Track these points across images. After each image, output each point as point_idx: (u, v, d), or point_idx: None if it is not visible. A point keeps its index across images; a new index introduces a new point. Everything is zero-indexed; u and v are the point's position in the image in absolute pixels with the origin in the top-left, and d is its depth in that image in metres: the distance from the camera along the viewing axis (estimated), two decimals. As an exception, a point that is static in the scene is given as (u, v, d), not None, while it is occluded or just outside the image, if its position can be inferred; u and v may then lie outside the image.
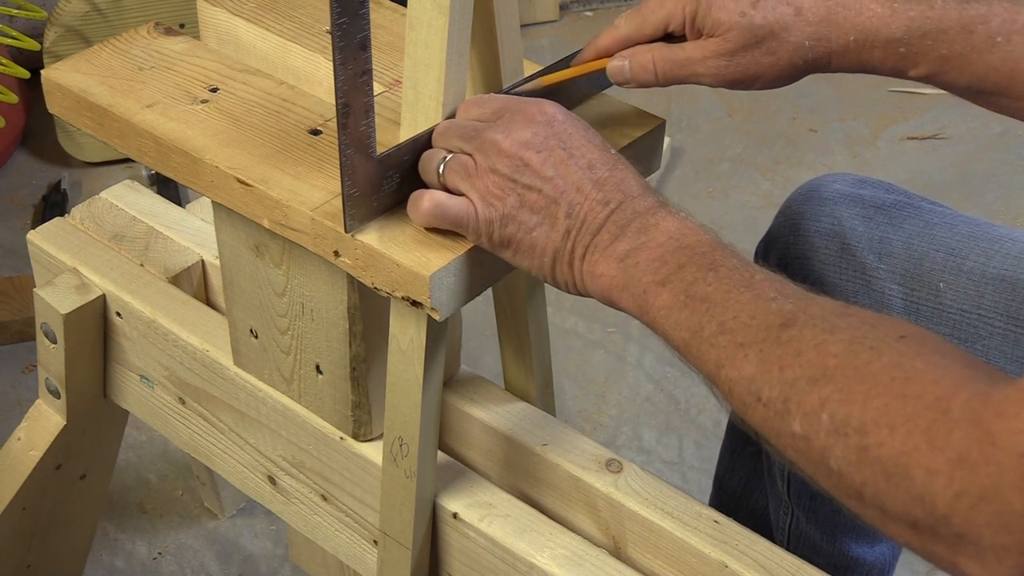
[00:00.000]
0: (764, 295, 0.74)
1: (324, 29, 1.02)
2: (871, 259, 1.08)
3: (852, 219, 1.10)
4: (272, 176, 0.90)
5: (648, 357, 1.87)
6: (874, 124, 2.39)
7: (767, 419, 0.71)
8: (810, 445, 0.68)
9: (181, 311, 1.13)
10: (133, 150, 0.97)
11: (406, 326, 0.89)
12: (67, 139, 2.14)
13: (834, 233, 1.10)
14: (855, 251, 1.09)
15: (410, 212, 0.86)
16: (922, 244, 1.07)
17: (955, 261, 1.05)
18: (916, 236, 1.08)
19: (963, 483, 0.61)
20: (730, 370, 0.73)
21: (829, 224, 1.11)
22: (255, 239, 0.98)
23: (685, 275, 0.77)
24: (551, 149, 0.82)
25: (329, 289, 0.95)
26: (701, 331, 0.75)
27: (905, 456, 0.63)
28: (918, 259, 1.07)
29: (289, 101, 0.97)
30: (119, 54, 1.02)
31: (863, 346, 0.68)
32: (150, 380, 1.17)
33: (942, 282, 1.05)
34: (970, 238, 1.06)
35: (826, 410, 0.67)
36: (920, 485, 0.63)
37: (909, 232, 1.08)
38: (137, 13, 2.12)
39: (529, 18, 2.60)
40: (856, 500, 0.67)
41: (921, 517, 0.63)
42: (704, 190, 2.22)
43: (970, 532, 0.61)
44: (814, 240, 1.11)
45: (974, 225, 1.08)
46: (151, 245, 1.20)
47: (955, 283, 1.04)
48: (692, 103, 2.42)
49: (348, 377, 0.99)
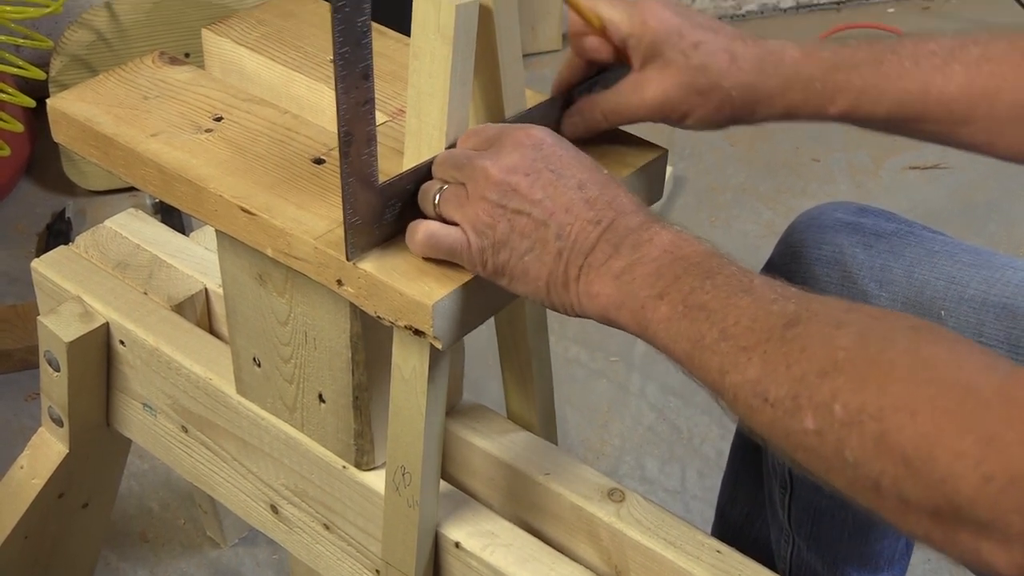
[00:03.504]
0: (764, 298, 0.73)
1: (328, 59, 1.02)
2: (872, 287, 1.08)
3: (853, 247, 1.10)
4: (275, 205, 0.90)
5: (651, 386, 1.87)
6: (876, 154, 2.39)
7: (775, 420, 0.69)
8: (823, 440, 0.66)
9: (184, 339, 1.13)
10: (138, 179, 0.97)
11: (409, 355, 0.89)
12: (72, 167, 2.15)
13: (835, 261, 1.10)
14: (856, 279, 1.09)
15: (408, 243, 0.86)
16: (923, 272, 1.07)
17: (956, 289, 1.05)
18: (917, 264, 1.08)
19: (992, 465, 0.59)
20: (734, 375, 0.71)
21: (830, 252, 1.11)
22: (258, 268, 0.98)
23: (682, 285, 0.76)
24: (539, 172, 0.82)
25: (332, 318, 0.95)
26: (702, 340, 0.73)
27: (928, 439, 0.61)
28: (919, 287, 1.06)
29: (292, 130, 0.97)
30: (124, 83, 1.02)
31: (873, 336, 0.67)
32: (153, 408, 1.17)
33: (943, 310, 1.05)
34: (971, 266, 1.06)
35: (838, 400, 0.65)
36: (944, 468, 0.60)
37: (910, 260, 1.08)
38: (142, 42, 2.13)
39: (532, 47, 2.61)
40: (873, 492, 0.65)
41: (943, 504, 0.61)
42: (707, 219, 2.22)
43: (997, 518, 0.59)
44: (815, 268, 1.11)
45: (975, 253, 1.08)
46: (155, 273, 1.20)
47: (956, 311, 1.04)
48: (695, 133, 2.43)
49: (351, 406, 0.99)
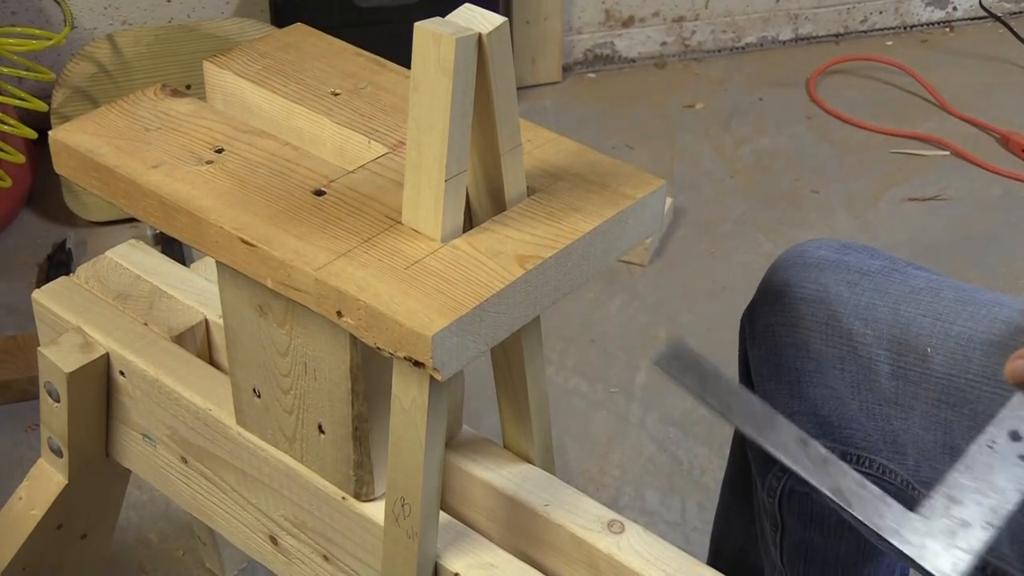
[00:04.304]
0: None
1: (328, 91, 1.03)
2: (857, 325, 1.08)
3: (837, 285, 1.10)
4: (276, 237, 0.90)
5: (651, 417, 1.87)
6: (876, 185, 2.40)
7: None
8: None
9: (184, 370, 1.13)
10: (139, 210, 0.97)
11: (408, 386, 0.89)
12: (73, 199, 2.15)
13: (819, 299, 1.10)
14: (841, 317, 1.09)
15: None
16: (909, 309, 1.07)
17: (942, 326, 1.05)
18: (902, 301, 1.07)
19: None
20: None
21: (814, 291, 1.11)
22: (259, 299, 0.98)
23: None
24: None
25: (332, 349, 0.95)
26: None
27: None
28: (905, 324, 1.06)
29: (293, 162, 0.98)
30: (126, 115, 1.03)
31: None
32: (152, 439, 1.17)
33: (929, 347, 1.04)
34: (957, 302, 1.06)
35: None
36: None
37: (895, 297, 1.08)
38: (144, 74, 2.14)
39: (531, 79, 2.62)
40: None
41: None
42: (706, 250, 2.22)
43: None
44: (800, 307, 1.11)
45: (960, 290, 1.08)
46: (155, 304, 1.20)
47: (943, 348, 1.04)
48: (695, 164, 2.44)
49: (350, 437, 0.99)
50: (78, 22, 2.35)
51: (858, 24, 2.86)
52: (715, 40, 2.78)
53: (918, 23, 2.89)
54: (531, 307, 0.90)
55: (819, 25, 2.83)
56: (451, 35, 0.83)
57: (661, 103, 2.63)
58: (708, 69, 2.75)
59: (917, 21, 2.89)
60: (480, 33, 0.85)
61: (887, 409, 1.07)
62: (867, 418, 1.09)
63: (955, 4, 2.88)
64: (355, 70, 1.07)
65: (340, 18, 2.33)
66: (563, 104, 2.60)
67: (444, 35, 0.83)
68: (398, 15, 2.33)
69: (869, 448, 1.09)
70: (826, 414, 1.11)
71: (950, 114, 2.60)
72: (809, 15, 2.81)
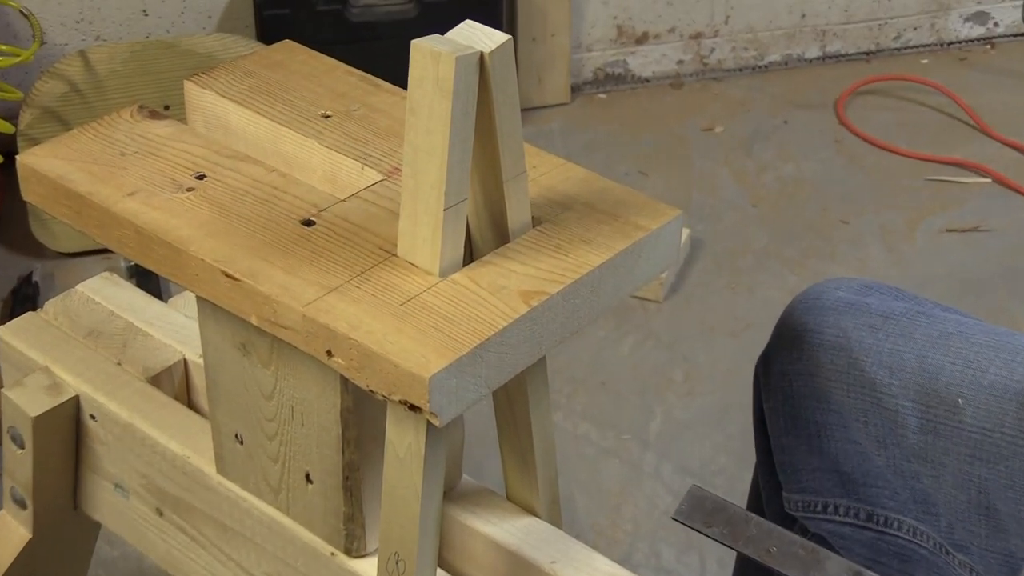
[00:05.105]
0: None
1: (319, 113, 1.04)
2: (882, 374, 1.08)
3: (859, 330, 1.10)
4: (261, 270, 0.91)
5: (667, 466, 1.87)
6: (911, 215, 2.41)
7: None
8: None
9: (161, 414, 1.13)
10: (113, 241, 0.98)
11: (404, 432, 0.90)
12: (40, 228, 2.16)
13: (840, 346, 1.10)
14: (863, 366, 1.09)
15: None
16: (937, 356, 1.06)
17: (974, 374, 1.04)
18: (930, 347, 1.07)
19: None
20: None
21: (833, 336, 1.10)
22: (242, 337, 0.99)
23: None
24: None
25: (321, 391, 0.95)
26: None
27: None
28: (933, 373, 1.06)
29: (280, 189, 0.98)
30: (100, 138, 1.04)
31: None
32: (125, 489, 1.17)
33: (961, 398, 1.04)
34: (990, 348, 1.05)
35: None
36: None
37: (922, 343, 1.08)
38: (118, 94, 2.15)
39: (538, 100, 2.64)
40: None
41: None
42: (726, 285, 2.23)
43: None
44: (818, 354, 1.11)
45: (994, 334, 1.07)
46: (129, 342, 1.21)
47: (975, 399, 1.04)
48: (714, 192, 2.45)
49: (340, 487, 0.99)
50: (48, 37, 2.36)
51: (891, 41, 2.87)
52: (736, 58, 2.80)
53: (956, 40, 2.91)
54: (536, 347, 0.90)
55: (848, 42, 2.85)
56: (451, 54, 0.84)
57: (677, 126, 2.64)
58: (728, 89, 2.76)
59: (955, 37, 2.91)
60: (482, 52, 0.86)
61: (916, 466, 1.07)
62: (894, 475, 1.09)
63: (996, 19, 2.90)
64: (347, 90, 1.08)
65: (331, 34, 2.35)
66: (571, 127, 2.61)
67: (443, 54, 0.84)
68: (393, 31, 2.35)
69: (897, 508, 1.09)
70: (849, 471, 1.11)
71: (991, 138, 2.61)
72: (838, 31, 2.83)
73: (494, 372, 0.88)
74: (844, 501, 1.14)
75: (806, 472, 1.16)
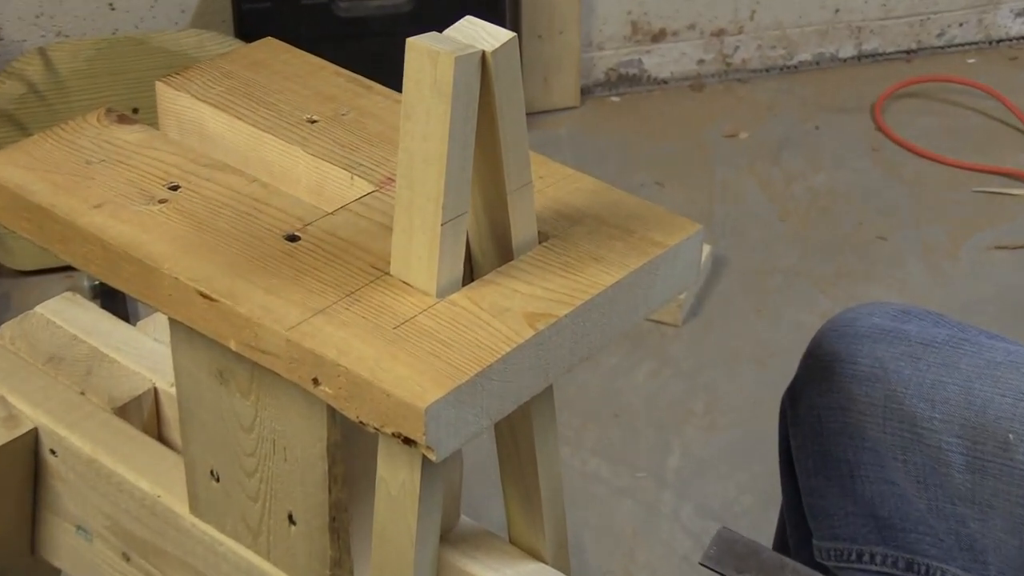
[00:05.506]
0: None
1: (304, 117, 1.04)
2: (922, 408, 1.08)
3: (897, 360, 1.10)
4: (241, 289, 0.91)
5: (686, 507, 1.87)
6: (955, 230, 2.41)
7: None
8: None
9: (128, 448, 1.13)
10: (78, 257, 0.98)
11: (397, 468, 0.90)
12: (-4, 243, 2.17)
13: (876, 377, 1.10)
14: (903, 399, 1.09)
15: None
16: (985, 388, 1.06)
17: None
18: (977, 378, 1.07)
19: None
20: None
21: (869, 367, 1.10)
22: (219, 364, 0.99)
23: None
24: None
25: (306, 423, 0.96)
26: None
27: None
28: (980, 406, 1.06)
29: (262, 201, 0.99)
30: (64, 145, 1.04)
31: None
32: (88, 532, 1.17)
33: (1011, 433, 1.04)
34: None
35: None
36: None
37: (968, 374, 1.08)
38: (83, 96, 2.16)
39: (545, 104, 2.65)
40: None
41: None
42: (752, 308, 2.23)
43: None
44: (852, 388, 1.11)
45: None
46: (94, 369, 1.21)
47: None
48: (738, 204, 2.45)
49: (327, 528, 0.99)
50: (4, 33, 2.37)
51: (934, 39, 2.88)
52: (762, 57, 2.81)
53: (1006, 37, 2.91)
54: (543, 374, 0.91)
55: (887, 40, 2.85)
56: (450, 53, 0.84)
57: (698, 132, 2.65)
58: (754, 92, 2.77)
59: (1005, 35, 2.91)
60: (484, 50, 0.86)
61: (962, 508, 1.07)
62: (937, 519, 1.09)
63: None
64: (335, 93, 1.08)
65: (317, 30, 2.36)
66: (581, 133, 2.62)
67: (441, 53, 0.84)
68: (386, 27, 2.35)
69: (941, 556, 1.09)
70: (886, 515, 1.11)
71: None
72: (875, 28, 2.83)
73: (496, 402, 0.88)
74: (881, 549, 1.14)
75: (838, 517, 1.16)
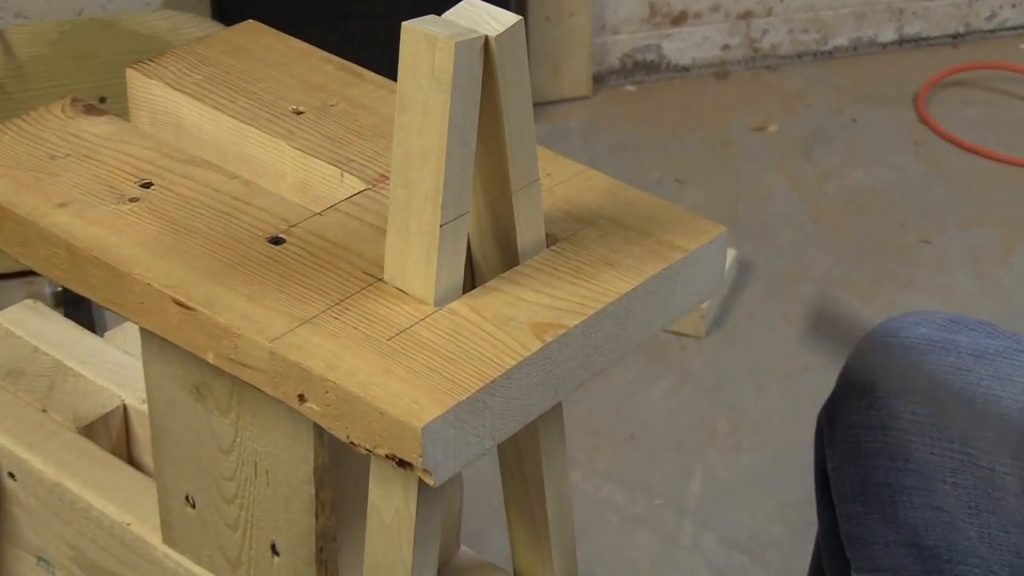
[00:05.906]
0: None
1: (289, 108, 1.05)
2: (974, 426, 1.08)
3: (945, 373, 1.10)
4: (219, 297, 0.91)
5: (708, 538, 1.87)
6: (1006, 233, 2.41)
7: None
8: None
9: (95, 471, 1.13)
10: (40, 261, 0.98)
11: (390, 493, 0.90)
12: (-51, 245, 2.17)
13: (922, 392, 1.10)
14: (951, 416, 1.09)
15: None
16: None
17: None
18: None
19: None
20: None
21: (915, 381, 1.11)
22: (195, 378, 0.99)
23: None
24: None
25: (290, 444, 0.96)
26: None
27: None
28: None
29: (243, 200, 0.99)
30: (25, 138, 1.04)
31: None
32: (50, 563, 1.18)
33: None
34: None
35: None
36: None
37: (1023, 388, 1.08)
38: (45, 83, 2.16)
39: (554, 93, 2.65)
40: None
41: None
42: (780, 318, 2.23)
43: None
44: (894, 404, 1.11)
45: None
46: (57, 385, 1.21)
47: None
48: (766, 204, 2.45)
49: (313, 559, 0.99)
50: (-41, 15, 2.38)
51: (983, 21, 2.88)
52: (793, 42, 2.81)
53: (1061, 20, 2.92)
54: (551, 391, 0.91)
55: (931, 23, 2.85)
56: (449, 38, 0.84)
57: (722, 124, 2.65)
58: (784, 80, 2.77)
59: (1060, 18, 2.91)
60: (487, 35, 0.87)
61: (1017, 537, 1.08)
62: (989, 550, 1.09)
63: (1109, -4, 2.91)
64: (323, 81, 1.09)
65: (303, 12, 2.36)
66: (594, 126, 2.62)
67: (441, 38, 0.85)
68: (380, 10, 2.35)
69: None
70: (932, 544, 1.11)
71: (1103, 140, 2.62)
72: (918, 9, 2.83)
73: (500, 421, 0.89)
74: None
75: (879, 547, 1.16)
